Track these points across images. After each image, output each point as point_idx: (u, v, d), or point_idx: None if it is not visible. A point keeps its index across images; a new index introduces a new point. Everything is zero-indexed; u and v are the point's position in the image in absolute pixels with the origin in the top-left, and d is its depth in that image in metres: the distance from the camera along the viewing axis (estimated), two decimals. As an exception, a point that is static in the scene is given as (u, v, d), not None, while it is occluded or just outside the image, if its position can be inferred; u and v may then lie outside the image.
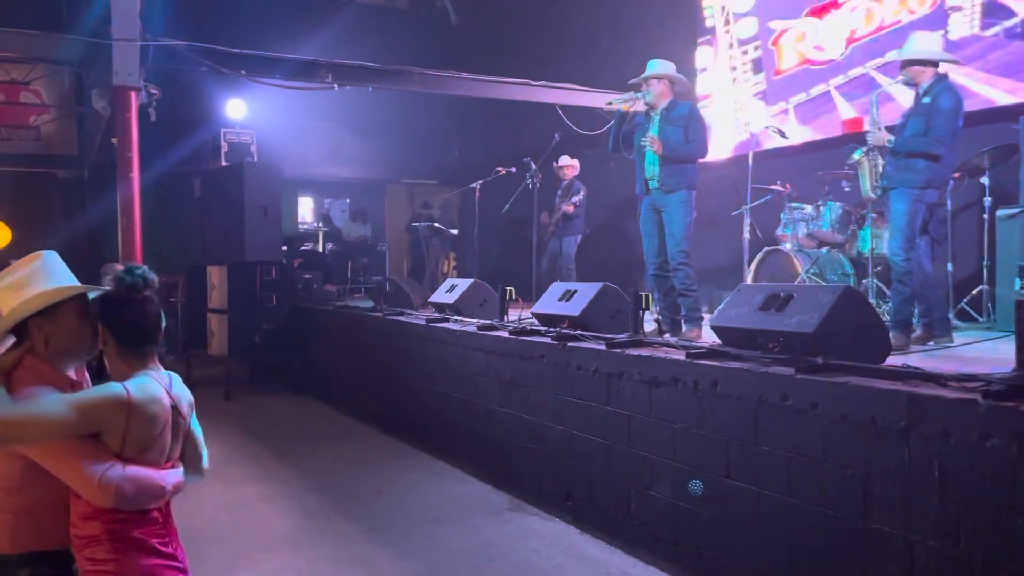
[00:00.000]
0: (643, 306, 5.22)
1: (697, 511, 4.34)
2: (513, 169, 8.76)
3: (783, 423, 3.83)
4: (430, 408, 7.37)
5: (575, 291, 5.96)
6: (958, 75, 5.45)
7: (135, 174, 6.94)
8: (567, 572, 4.58)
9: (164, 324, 2.38)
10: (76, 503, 2.16)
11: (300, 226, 14.78)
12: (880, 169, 5.44)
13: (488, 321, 6.90)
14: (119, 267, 3.43)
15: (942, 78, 5.16)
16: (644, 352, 4.86)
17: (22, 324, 2.22)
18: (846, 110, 8.17)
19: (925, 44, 5.22)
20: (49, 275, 2.29)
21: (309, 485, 6.30)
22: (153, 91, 7.02)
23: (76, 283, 2.33)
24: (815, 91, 8.60)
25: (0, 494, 2.17)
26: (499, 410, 6.23)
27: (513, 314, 7.28)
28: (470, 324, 7.02)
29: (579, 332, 5.54)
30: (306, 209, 15.79)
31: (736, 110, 9.59)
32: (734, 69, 9.67)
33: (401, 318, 8.27)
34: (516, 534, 5.22)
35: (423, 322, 7.69)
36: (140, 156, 7.11)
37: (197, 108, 11.27)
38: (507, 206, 8.58)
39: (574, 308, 5.74)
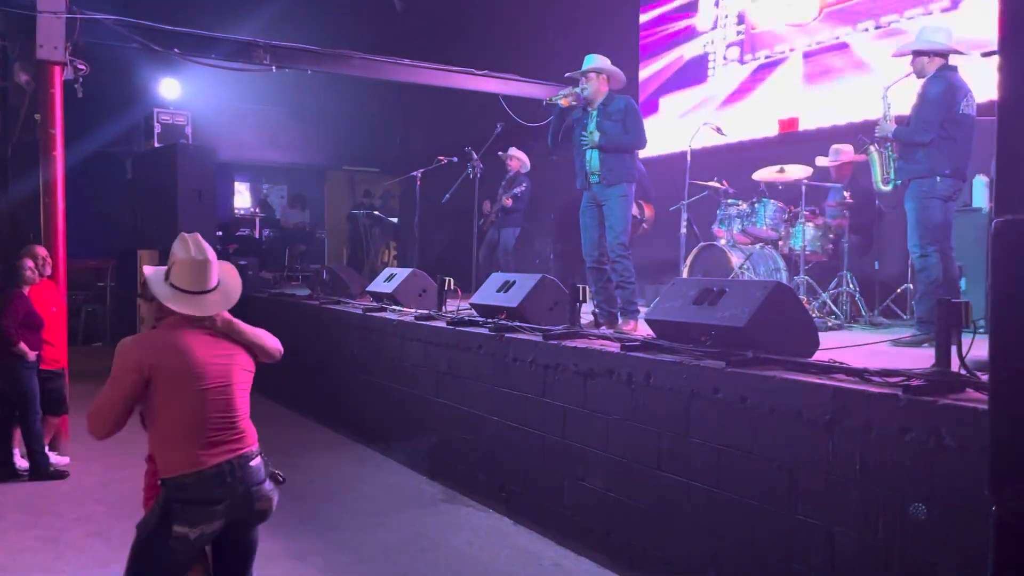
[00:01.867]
0: (580, 298, 5.24)
1: (628, 503, 4.38)
2: (455, 159, 8.69)
3: (713, 416, 3.89)
4: (366, 399, 7.29)
5: (513, 282, 5.95)
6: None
7: (59, 152, 6.65)
8: (499, 563, 4.58)
9: None
10: None
11: (236, 211, 14.45)
12: (892, 163, 5.45)
13: (426, 311, 6.85)
14: (40, 249, 3.89)
15: (943, 69, 5.10)
16: (580, 344, 4.88)
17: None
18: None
19: (930, 35, 5.21)
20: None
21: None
22: (80, 67, 6.74)
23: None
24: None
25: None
26: (436, 401, 6.19)
27: (452, 304, 7.24)
28: (408, 314, 6.95)
29: (517, 323, 5.53)
30: (243, 194, 15.45)
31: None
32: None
33: (338, 307, 8.17)
34: (450, 525, 5.20)
35: (360, 311, 7.60)
36: (66, 134, 6.82)
37: (128, 86, 10.89)
38: (447, 196, 8.52)
39: (512, 299, 5.73)
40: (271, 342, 3.19)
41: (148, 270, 2.97)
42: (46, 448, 6.14)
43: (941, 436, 2.93)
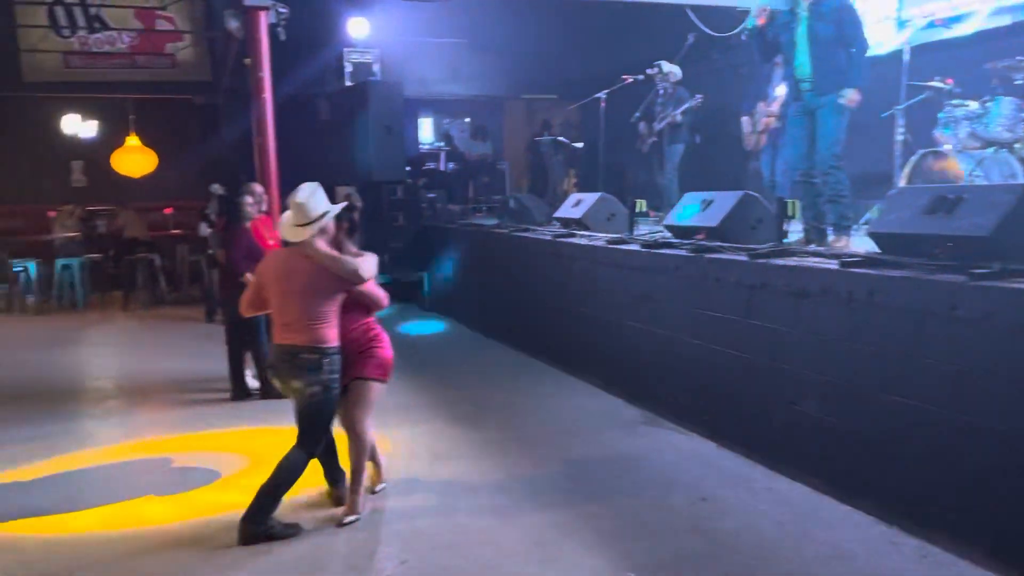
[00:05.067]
0: (789, 214, 4.93)
1: (847, 428, 4.13)
2: (640, 77, 8.38)
3: (951, 335, 3.54)
4: (558, 323, 7.35)
5: (712, 201, 5.70)
6: None
7: (267, 94, 7.05)
8: (708, 483, 4.49)
9: None
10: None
11: (421, 146, 14.84)
12: None
13: (617, 235, 6.74)
14: (256, 186, 5.12)
15: None
16: (790, 262, 4.61)
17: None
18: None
19: None
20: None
21: (446, 398, 6.45)
22: (282, 10, 7.06)
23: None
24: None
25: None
26: (631, 325, 6.12)
27: (643, 228, 7.08)
28: (598, 238, 6.88)
29: (717, 243, 5.31)
30: (425, 129, 15.83)
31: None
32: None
33: (527, 234, 8.22)
34: (652, 447, 5.17)
35: (549, 237, 7.61)
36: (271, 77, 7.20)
37: (321, 28, 11.32)
38: (637, 114, 8.24)
39: (711, 218, 5.50)
40: (346, 267, 3.94)
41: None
42: (272, 370, 6.68)
43: None
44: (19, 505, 4.45)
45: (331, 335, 3.92)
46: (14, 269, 11.53)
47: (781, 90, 7.24)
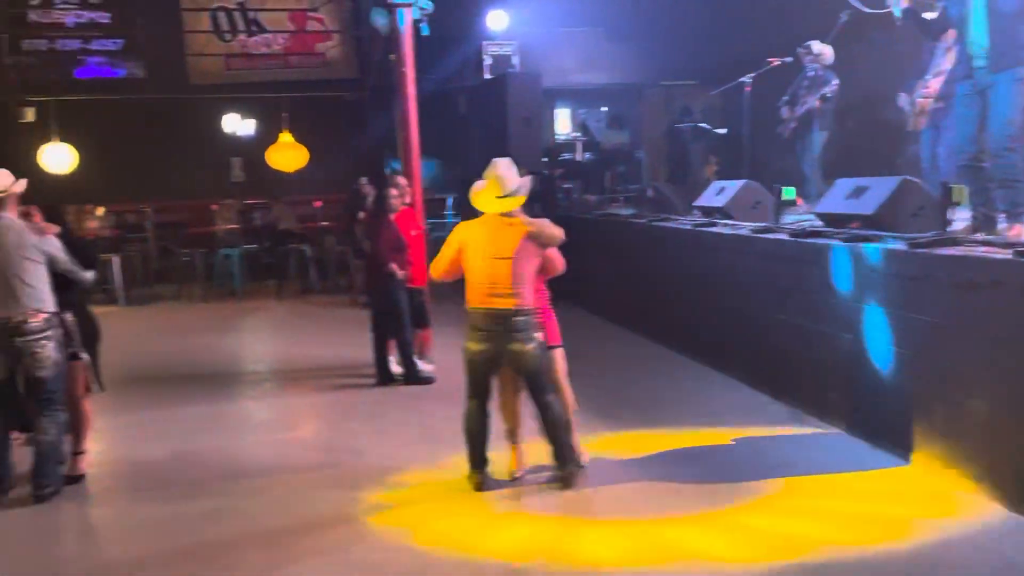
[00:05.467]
0: (954, 200, 4.58)
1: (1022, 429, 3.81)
2: (789, 59, 8.02)
3: None
4: (697, 316, 7.18)
5: (866, 187, 5.39)
6: None
7: (411, 89, 7.24)
8: (862, 484, 4.27)
9: None
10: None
11: (557, 137, 14.84)
12: None
13: (762, 224, 6.50)
14: (400, 179, 6.56)
15: None
16: (955, 252, 4.29)
17: None
18: None
19: None
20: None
21: (582, 389, 6.44)
22: (425, 6, 7.23)
23: None
24: None
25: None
26: (776, 318, 5.89)
27: (790, 217, 6.79)
28: (742, 227, 6.66)
29: (873, 232, 5.02)
30: (561, 119, 15.81)
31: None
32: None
33: (666, 224, 8.07)
34: (800, 444, 4.99)
35: (689, 227, 7.44)
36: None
37: (461, 22, 11.55)
38: (785, 98, 7.89)
39: (867, 205, 5.20)
40: (547, 231, 4.34)
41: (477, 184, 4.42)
42: (415, 357, 6.89)
43: None
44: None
45: (532, 298, 4.30)
46: (183, 259, 12.49)
47: (944, 67, 6.73)
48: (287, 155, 13.38)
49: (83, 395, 4.89)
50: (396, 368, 6.87)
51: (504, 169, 4.30)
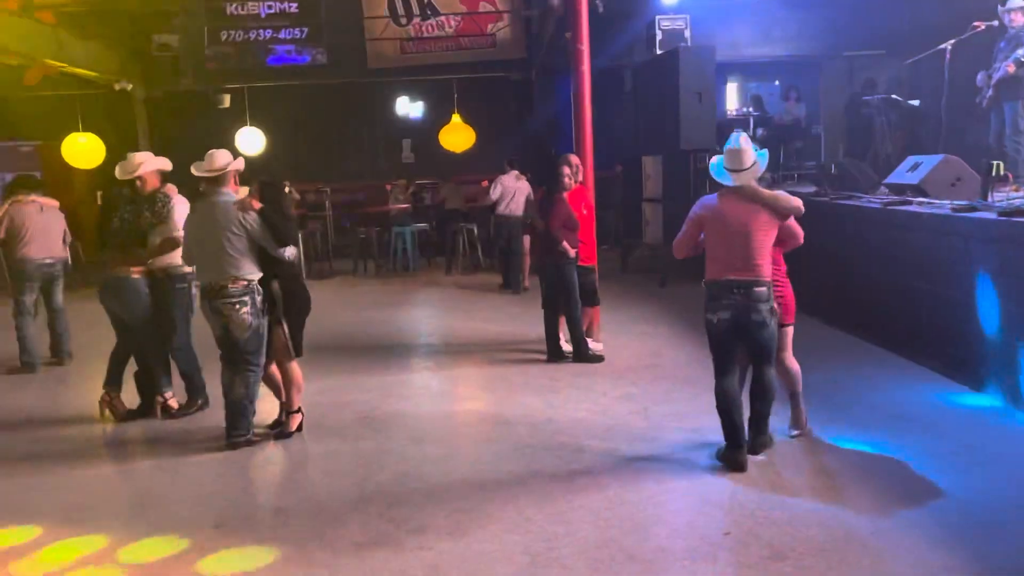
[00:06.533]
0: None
1: None
2: (995, 23, 7.33)
3: None
4: (885, 300, 6.74)
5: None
6: None
7: (586, 67, 7.20)
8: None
9: None
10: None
11: (728, 112, 14.35)
12: None
13: (965, 202, 6.00)
14: (573, 158, 6.60)
15: None
16: None
17: None
18: None
19: None
20: None
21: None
22: (598, -17, 7.18)
23: None
24: None
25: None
26: (981, 304, 5.44)
27: (997, 195, 6.24)
28: (941, 206, 6.18)
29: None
30: (732, 95, 15.26)
31: None
32: None
33: (851, 202, 7.62)
34: (1005, 438, 4.59)
35: (878, 205, 6.98)
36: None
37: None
38: (997, 65, 7.17)
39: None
40: (786, 202, 4.33)
41: (715, 158, 4.50)
42: (584, 334, 6.91)
43: None
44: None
45: (770, 270, 4.37)
46: (359, 236, 13.16)
47: None
48: (457, 136, 13.71)
49: (285, 359, 5.26)
50: (566, 346, 6.92)
51: (743, 143, 4.37)
